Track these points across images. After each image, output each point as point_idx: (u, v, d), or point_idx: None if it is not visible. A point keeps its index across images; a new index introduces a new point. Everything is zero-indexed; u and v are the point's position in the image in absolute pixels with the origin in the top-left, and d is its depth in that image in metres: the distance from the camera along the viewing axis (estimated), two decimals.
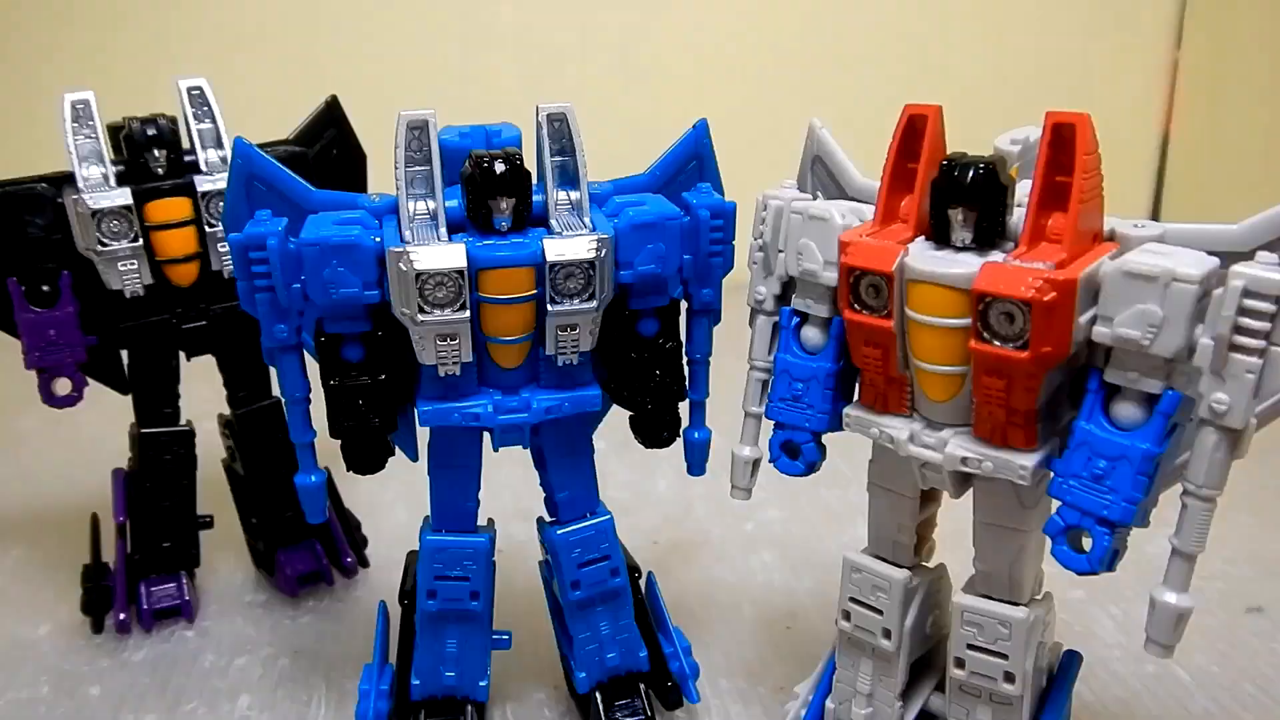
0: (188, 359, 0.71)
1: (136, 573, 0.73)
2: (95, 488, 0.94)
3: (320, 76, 0.96)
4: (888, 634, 0.53)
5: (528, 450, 0.59)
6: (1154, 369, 0.42)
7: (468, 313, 0.50)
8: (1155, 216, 1.73)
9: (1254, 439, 0.45)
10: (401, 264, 0.48)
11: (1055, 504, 0.45)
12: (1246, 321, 0.40)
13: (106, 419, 1.03)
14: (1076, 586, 0.76)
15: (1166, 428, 0.43)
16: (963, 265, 0.44)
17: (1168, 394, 0.42)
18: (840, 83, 1.56)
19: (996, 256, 0.44)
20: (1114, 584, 0.76)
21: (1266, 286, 0.39)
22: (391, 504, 0.89)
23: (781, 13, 1.56)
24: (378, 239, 0.50)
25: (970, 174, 0.44)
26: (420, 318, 0.49)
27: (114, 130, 0.67)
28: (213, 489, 0.76)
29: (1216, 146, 1.62)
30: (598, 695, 0.61)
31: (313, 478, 0.55)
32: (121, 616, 0.71)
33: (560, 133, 0.53)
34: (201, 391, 0.74)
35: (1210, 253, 0.42)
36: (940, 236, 0.46)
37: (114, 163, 0.65)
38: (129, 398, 0.72)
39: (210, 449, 0.76)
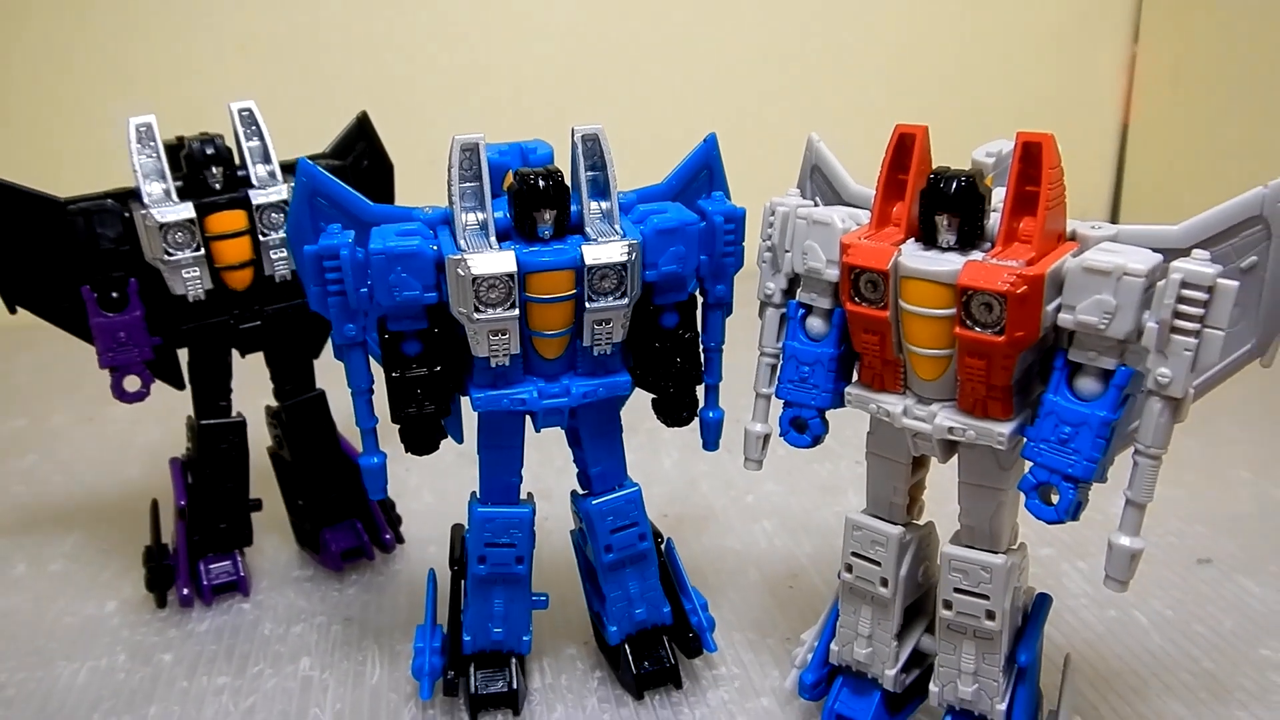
0: (242, 356, 0.77)
1: (196, 552, 0.79)
2: (130, 477, 1.01)
3: (342, 93, 1.02)
4: (885, 582, 0.61)
5: (563, 432, 0.66)
6: (1109, 349, 0.50)
7: (516, 311, 0.56)
8: (1116, 203, 1.83)
9: (1205, 415, 0.52)
10: (460, 270, 0.55)
11: (1028, 465, 0.53)
12: (1184, 308, 0.47)
13: (130, 416, 1.10)
14: (1046, 544, 0.85)
15: (1120, 398, 0.50)
16: (948, 263, 0.51)
17: (1121, 369, 0.50)
18: (833, 101, 1.66)
19: (976, 255, 0.51)
20: (1079, 541, 0.85)
21: (1200, 279, 0.47)
22: (418, 489, 0.96)
23: (783, 40, 1.66)
24: (435, 247, 0.57)
25: (954, 186, 0.52)
26: (476, 316, 0.56)
27: (168, 148, 0.73)
28: (256, 475, 0.82)
29: (1173, 136, 1.70)
30: (627, 647, 0.68)
31: (375, 459, 0.62)
32: (185, 591, 0.78)
33: (593, 150, 0.59)
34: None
35: (1155, 250, 0.50)
36: (928, 238, 0.53)
37: (173, 178, 0.71)
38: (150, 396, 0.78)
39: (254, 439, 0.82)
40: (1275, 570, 0.81)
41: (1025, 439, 0.53)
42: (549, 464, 0.95)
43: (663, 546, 0.70)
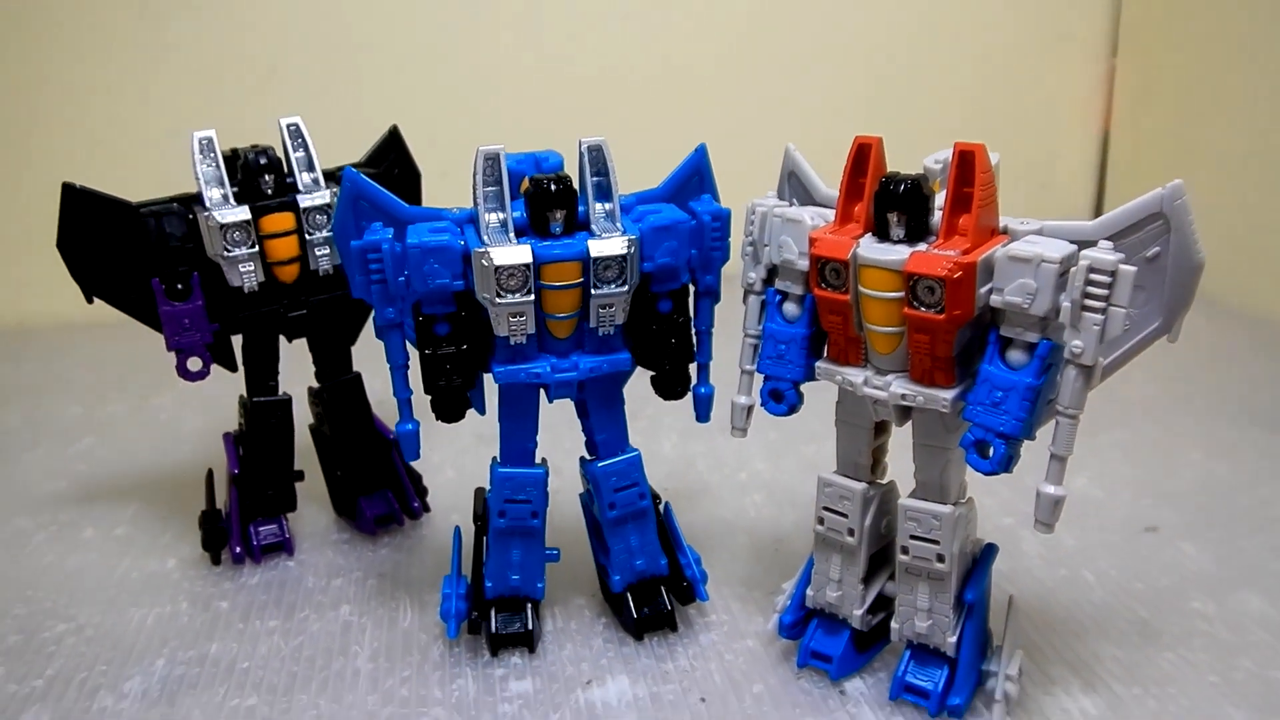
0: (289, 341, 0.86)
1: (247, 516, 0.89)
2: (178, 457, 1.11)
3: (364, 111, 1.13)
4: (851, 532, 0.70)
5: (573, 411, 0.75)
6: (1032, 325, 0.58)
7: (532, 296, 0.65)
8: (1099, 205, 1.92)
9: (1154, 405, 0.57)
10: (484, 261, 0.65)
11: (968, 426, 0.62)
12: (1092, 289, 0.55)
13: (175, 404, 1.22)
14: (1007, 515, 0.93)
15: (1043, 367, 0.59)
16: (898, 254, 0.60)
17: (1043, 342, 0.58)
18: (811, 115, 1.77)
19: (921, 247, 0.60)
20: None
21: (1104, 265, 0.55)
22: (441, 465, 1.05)
23: (767, 59, 1.79)
24: (463, 242, 0.66)
25: (902, 188, 0.61)
26: (497, 300, 0.65)
27: (224, 158, 0.82)
28: (298, 451, 0.91)
29: (1151, 143, 1.79)
30: (628, 595, 0.77)
31: (410, 425, 0.71)
32: (237, 550, 0.87)
33: (597, 159, 0.69)
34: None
35: (1072, 241, 0.59)
36: (882, 233, 0.62)
37: (230, 185, 0.81)
38: (192, 387, 0.85)
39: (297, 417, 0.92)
40: (1213, 536, 0.90)
41: (965, 403, 0.62)
42: (558, 445, 1.04)
43: (661, 507, 0.79)
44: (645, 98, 1.75)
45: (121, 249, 0.80)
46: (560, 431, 0.81)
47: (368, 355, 0.89)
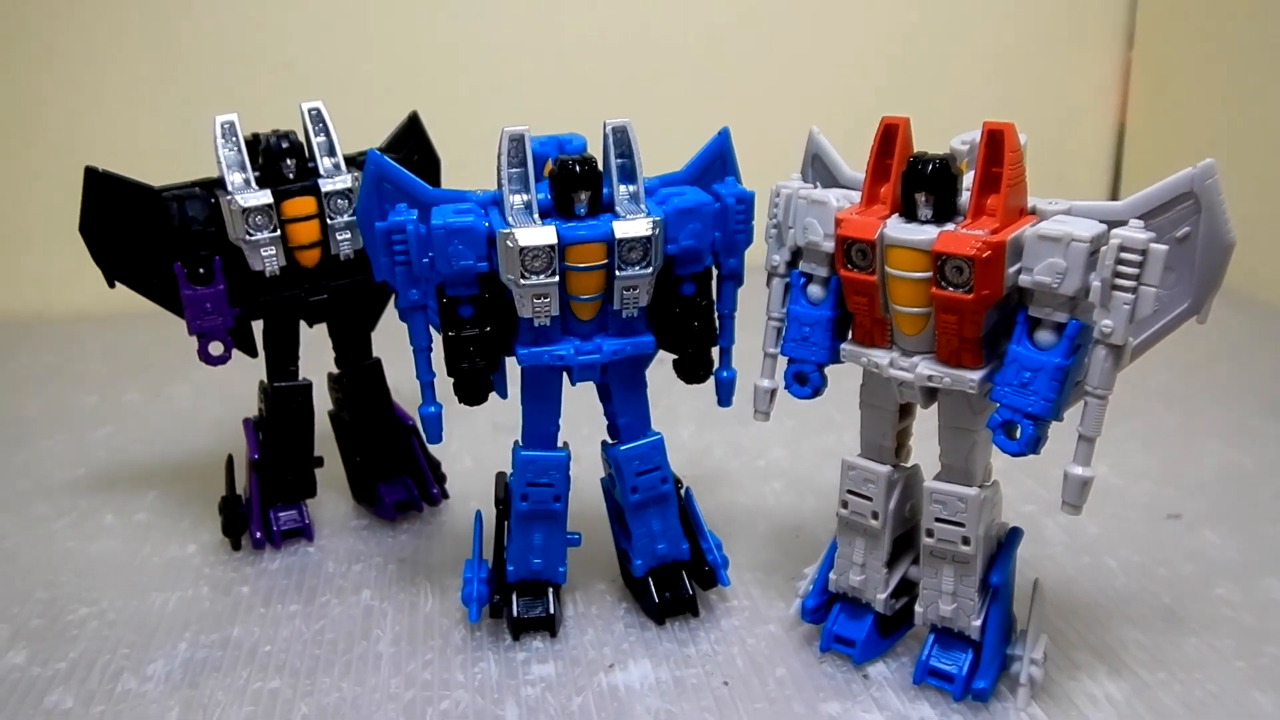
0: (309, 326, 0.86)
1: (267, 501, 0.89)
2: (196, 446, 1.11)
3: (377, 104, 1.13)
4: (875, 515, 0.69)
5: (594, 396, 0.75)
6: (1061, 305, 0.58)
7: (556, 278, 0.65)
8: (1114, 198, 1.91)
9: (1173, 394, 0.56)
10: (509, 242, 0.64)
11: (995, 407, 0.62)
12: (1122, 268, 0.55)
13: (193, 393, 1.22)
14: (1029, 502, 0.93)
15: (1071, 347, 0.58)
16: (925, 234, 0.60)
17: (1072, 323, 0.58)
18: (833, 101, 1.77)
19: (949, 227, 0.59)
20: (1058, 499, 0.94)
21: (1135, 243, 0.55)
22: (459, 453, 1.05)
23: (790, 46, 1.80)
24: (488, 224, 0.66)
25: (929, 168, 0.61)
26: (522, 282, 0.65)
27: (245, 143, 0.82)
28: (318, 438, 0.91)
29: (1167, 136, 1.78)
30: (650, 580, 0.77)
31: (433, 408, 0.71)
32: (258, 535, 0.87)
33: (621, 141, 0.68)
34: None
35: (1101, 221, 0.59)
36: (909, 213, 0.62)
37: (252, 169, 0.81)
38: (208, 376, 0.85)
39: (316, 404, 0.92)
40: (1235, 524, 0.90)
41: (992, 384, 0.61)
42: (576, 432, 1.04)
43: (682, 492, 0.79)
44: (667, 82, 1.75)
45: (144, 233, 0.79)
46: (579, 419, 0.81)
47: (388, 341, 0.89)
